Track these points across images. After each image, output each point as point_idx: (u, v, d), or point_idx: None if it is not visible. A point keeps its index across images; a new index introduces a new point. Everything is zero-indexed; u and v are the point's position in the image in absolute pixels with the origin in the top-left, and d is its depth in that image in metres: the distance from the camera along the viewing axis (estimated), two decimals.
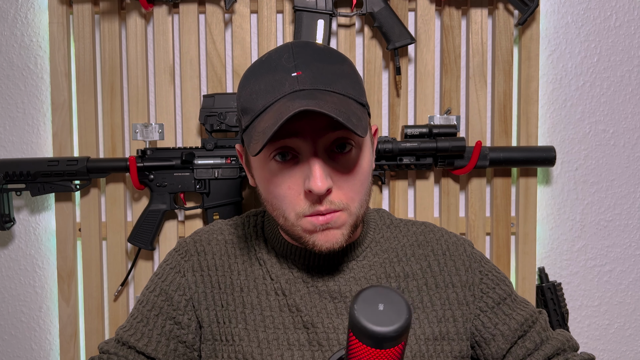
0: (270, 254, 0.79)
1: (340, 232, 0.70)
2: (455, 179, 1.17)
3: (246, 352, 0.73)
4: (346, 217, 0.70)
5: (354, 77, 0.72)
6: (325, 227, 0.69)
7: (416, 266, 0.79)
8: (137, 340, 0.77)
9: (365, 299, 0.52)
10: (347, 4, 1.14)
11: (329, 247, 0.70)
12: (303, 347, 0.73)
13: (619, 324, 1.22)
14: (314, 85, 0.67)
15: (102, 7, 1.15)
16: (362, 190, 0.71)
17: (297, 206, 0.69)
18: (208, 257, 0.80)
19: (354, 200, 0.70)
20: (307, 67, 0.68)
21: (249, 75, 0.71)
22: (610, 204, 1.21)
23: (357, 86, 0.71)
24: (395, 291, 0.53)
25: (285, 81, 0.67)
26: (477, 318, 0.79)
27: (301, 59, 0.68)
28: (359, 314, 0.51)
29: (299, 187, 0.68)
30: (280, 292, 0.76)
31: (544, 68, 1.19)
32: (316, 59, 0.69)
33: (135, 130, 1.13)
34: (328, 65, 0.69)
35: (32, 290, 1.22)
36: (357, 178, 0.70)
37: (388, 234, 0.83)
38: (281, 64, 0.69)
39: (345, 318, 0.74)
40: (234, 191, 1.12)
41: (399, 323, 0.50)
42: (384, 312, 0.51)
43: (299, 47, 0.70)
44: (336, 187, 0.68)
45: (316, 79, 0.67)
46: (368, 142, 0.73)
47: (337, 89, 0.68)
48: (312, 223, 0.69)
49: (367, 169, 0.72)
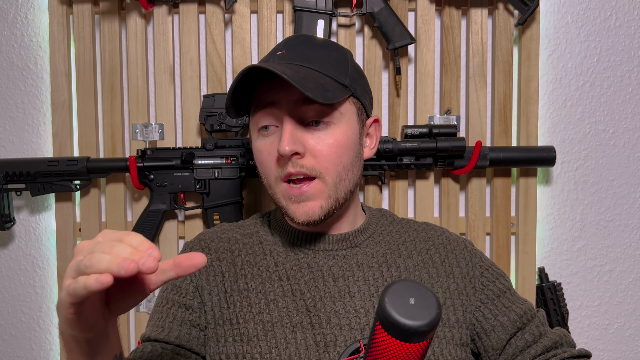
0: (277, 244, 0.83)
1: (317, 203, 0.75)
2: (455, 179, 1.17)
3: (251, 334, 0.75)
4: (322, 187, 0.74)
5: (339, 61, 0.78)
6: (300, 199, 0.74)
7: (417, 258, 0.82)
8: (157, 333, 0.78)
9: (395, 292, 0.52)
10: (347, 4, 1.14)
11: (306, 219, 0.75)
12: (305, 329, 0.75)
13: (619, 324, 1.22)
14: (292, 61, 0.75)
15: (102, 7, 1.15)
16: (338, 162, 0.75)
17: (274, 169, 0.76)
18: (212, 251, 0.83)
19: (329, 170, 0.74)
20: (293, 48, 0.77)
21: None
22: (610, 204, 1.21)
23: (340, 68, 0.77)
24: (424, 286, 0.53)
25: (270, 59, 0.77)
26: (478, 310, 0.80)
27: (291, 42, 0.78)
28: (391, 307, 0.51)
29: (275, 153, 0.75)
30: (285, 278, 0.78)
31: (544, 68, 1.19)
32: (305, 45, 0.78)
33: (135, 130, 1.13)
34: (314, 49, 0.77)
35: (32, 290, 1.22)
36: (331, 149, 0.74)
37: (390, 228, 0.86)
38: (275, 48, 0.79)
39: (348, 301, 0.76)
40: (234, 191, 1.12)
41: (430, 317, 0.50)
42: (415, 306, 0.51)
43: (295, 36, 0.81)
44: (309, 154, 0.74)
45: (295, 57, 0.76)
46: (349, 119, 0.77)
47: (314, 67, 0.75)
48: (288, 192, 0.75)
49: (344, 142, 0.75)
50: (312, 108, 0.73)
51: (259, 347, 0.74)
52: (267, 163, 0.77)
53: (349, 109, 0.77)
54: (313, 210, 0.75)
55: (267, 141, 0.76)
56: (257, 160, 0.79)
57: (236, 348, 0.75)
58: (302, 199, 0.74)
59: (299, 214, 0.75)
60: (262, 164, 0.78)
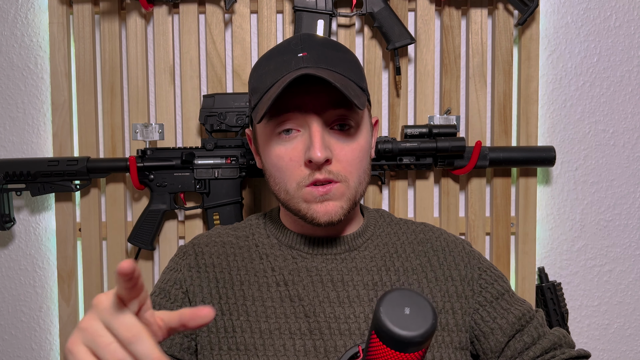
0: (274, 248, 0.81)
1: (339, 204, 0.74)
2: (455, 179, 1.17)
3: (248, 342, 0.74)
4: (344, 190, 0.74)
5: (356, 64, 0.78)
6: (323, 199, 0.74)
7: (416, 262, 0.81)
8: None
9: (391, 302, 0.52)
10: (347, 4, 1.14)
11: (328, 219, 0.74)
12: (304, 336, 0.74)
13: (619, 323, 1.23)
14: (317, 64, 0.74)
15: (102, 7, 1.15)
16: (360, 167, 0.75)
17: (298, 176, 0.74)
18: (206, 256, 0.81)
19: (352, 174, 0.75)
20: (313, 49, 0.75)
21: (260, 60, 0.79)
22: (610, 204, 1.21)
23: (358, 72, 0.78)
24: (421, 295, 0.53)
25: (292, 60, 0.74)
26: (476, 312, 0.80)
27: (307, 43, 0.76)
28: (385, 317, 0.51)
29: (300, 159, 0.73)
30: (282, 283, 0.77)
31: (543, 68, 1.19)
32: (321, 45, 0.76)
33: (135, 130, 1.13)
34: (332, 51, 0.76)
35: (32, 290, 1.22)
36: (355, 154, 0.75)
37: (388, 230, 0.85)
38: (290, 48, 0.76)
39: (348, 306, 0.76)
40: (234, 191, 1.12)
41: (424, 328, 0.50)
42: (410, 316, 0.51)
43: (306, 35, 0.78)
44: (335, 160, 0.73)
45: (320, 60, 0.74)
46: (367, 123, 0.78)
47: (339, 70, 0.75)
48: (312, 193, 0.73)
49: (366, 147, 0.77)
50: (337, 112, 0.73)
51: (257, 357, 0.73)
52: (288, 169, 0.74)
53: (366, 112, 0.78)
54: (335, 210, 0.74)
55: (288, 146, 0.74)
56: (274, 166, 0.76)
57: (232, 357, 0.74)
58: (325, 198, 0.74)
59: (321, 214, 0.74)
60: (281, 170, 0.75)
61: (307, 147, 0.72)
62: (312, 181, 0.73)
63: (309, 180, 0.73)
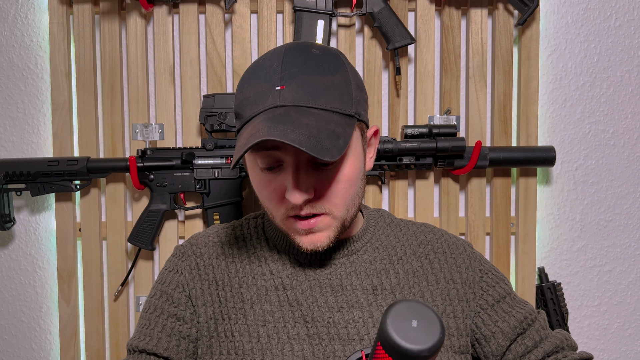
0: (272, 251, 0.80)
1: (325, 234, 0.73)
2: (455, 179, 1.17)
3: (246, 347, 0.74)
4: (330, 220, 0.72)
5: (344, 87, 0.70)
6: (309, 232, 0.72)
7: (416, 264, 0.80)
8: (146, 343, 0.77)
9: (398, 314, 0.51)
10: (347, 4, 1.14)
11: (313, 248, 0.73)
12: (303, 341, 0.74)
13: (619, 324, 1.23)
14: (294, 102, 0.67)
15: (102, 7, 1.15)
16: (346, 196, 0.72)
17: (282, 207, 0.72)
18: (204, 257, 0.81)
19: (338, 206, 0.72)
20: (292, 80, 0.67)
21: (244, 79, 0.72)
22: (610, 204, 1.21)
23: (346, 96, 0.70)
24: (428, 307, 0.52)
25: (269, 94, 0.68)
26: (477, 315, 0.79)
27: (288, 70, 0.68)
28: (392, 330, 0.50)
29: (282, 193, 0.71)
30: (281, 287, 0.77)
31: (543, 68, 1.19)
32: (305, 71, 0.68)
33: (135, 130, 1.13)
34: (316, 77, 0.68)
35: (32, 290, 1.22)
36: (340, 186, 0.71)
37: (388, 232, 0.84)
38: (270, 74, 0.69)
39: (347, 311, 0.75)
40: (234, 191, 1.12)
41: (432, 342, 0.50)
42: (418, 329, 0.50)
43: (291, 56, 0.70)
44: (318, 196, 0.70)
45: (298, 95, 0.67)
46: (356, 147, 0.73)
47: (319, 104, 0.67)
48: (295, 227, 0.72)
49: (353, 175, 0.72)
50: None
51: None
52: (271, 199, 0.72)
53: (355, 135, 0.72)
54: (321, 241, 0.72)
55: (270, 178, 0.71)
56: (260, 194, 0.74)
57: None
58: (310, 231, 0.72)
59: (307, 244, 0.73)
60: (265, 198, 0.73)
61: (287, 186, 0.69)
62: (294, 214, 0.71)
63: (292, 212, 0.71)
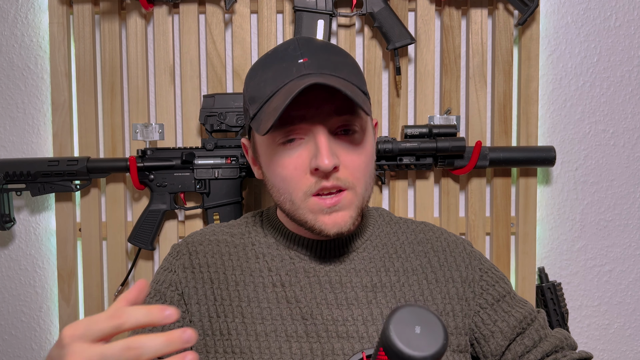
0: (271, 247, 0.80)
1: (348, 213, 0.72)
2: (455, 179, 1.17)
3: (243, 345, 0.73)
4: (352, 197, 0.72)
5: (357, 68, 0.76)
6: (332, 210, 0.71)
7: (416, 262, 0.80)
8: None
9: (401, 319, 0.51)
10: (347, 4, 1.14)
11: (337, 230, 0.72)
12: (301, 338, 0.73)
13: (619, 324, 1.23)
14: (319, 70, 0.71)
15: (102, 7, 1.15)
16: (367, 173, 0.74)
17: (304, 185, 0.71)
18: (200, 256, 0.80)
19: (360, 180, 0.72)
20: (313, 54, 0.72)
21: (256, 67, 0.76)
22: (610, 204, 1.21)
23: (360, 76, 0.76)
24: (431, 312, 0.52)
25: (293, 67, 0.71)
26: (477, 315, 0.79)
27: (306, 48, 0.73)
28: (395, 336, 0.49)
29: (306, 167, 0.71)
30: (279, 284, 0.76)
31: (544, 68, 1.19)
32: (321, 49, 0.74)
33: (136, 130, 1.13)
34: (333, 55, 0.74)
35: (32, 290, 1.22)
36: (362, 159, 0.73)
37: (388, 229, 0.84)
38: (288, 53, 0.73)
39: (346, 309, 0.75)
40: (234, 191, 1.12)
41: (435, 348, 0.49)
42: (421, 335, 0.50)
43: (304, 40, 0.75)
44: (343, 167, 0.71)
45: (321, 65, 0.71)
46: (370, 128, 0.77)
47: (342, 75, 0.72)
48: (319, 205, 0.71)
49: (371, 152, 0.75)
50: (341, 119, 0.71)
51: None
52: (293, 178, 0.71)
53: (369, 118, 0.76)
54: (344, 220, 0.72)
55: (292, 154, 0.71)
56: (277, 176, 0.73)
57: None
58: (334, 210, 0.71)
59: (330, 226, 0.71)
60: (285, 180, 0.72)
61: (314, 155, 0.69)
62: (318, 189, 0.70)
63: (316, 188, 0.70)
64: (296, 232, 0.80)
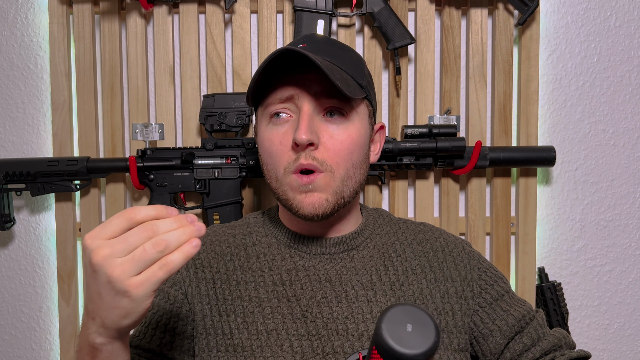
0: (272, 247, 0.80)
1: (323, 196, 0.73)
2: (455, 179, 1.17)
3: (245, 344, 0.74)
4: (329, 180, 0.73)
5: (358, 62, 0.79)
6: (307, 189, 0.72)
7: (415, 262, 0.81)
8: (140, 339, 0.77)
9: (393, 318, 0.51)
10: (347, 4, 1.14)
11: (312, 211, 0.73)
12: (302, 336, 0.74)
13: (619, 324, 1.23)
14: (314, 53, 0.73)
15: (102, 7, 1.15)
16: (348, 159, 0.74)
17: (285, 161, 0.73)
18: (202, 256, 0.81)
19: (339, 165, 0.73)
20: (313, 43, 0.77)
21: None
22: (610, 204, 1.21)
23: (358, 69, 0.77)
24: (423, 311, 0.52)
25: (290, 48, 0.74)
26: (476, 314, 0.80)
27: (310, 39, 0.78)
28: (387, 335, 0.50)
29: (289, 143, 0.73)
30: (280, 283, 0.77)
31: (544, 68, 1.19)
32: (323, 41, 0.78)
33: (135, 130, 1.13)
34: (333, 48, 0.78)
35: (32, 290, 1.22)
36: (344, 144, 0.73)
37: (387, 229, 0.84)
38: (293, 42, 0.78)
39: (346, 307, 0.75)
40: (234, 191, 1.12)
41: (427, 346, 0.50)
42: (412, 333, 0.50)
43: (310, 34, 0.81)
44: (322, 146, 0.73)
45: (319, 51, 0.75)
46: (363, 118, 0.77)
47: (335, 62, 0.75)
48: (297, 181, 0.73)
49: (358, 141, 0.75)
50: (330, 101, 0.73)
51: (254, 359, 0.73)
52: (277, 153, 0.74)
53: (363, 109, 0.77)
54: (320, 202, 0.73)
55: (279, 130, 0.74)
56: (265, 151, 0.76)
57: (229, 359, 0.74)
58: (309, 189, 0.72)
59: (306, 205, 0.73)
60: (271, 155, 0.75)
61: (295, 130, 0.72)
62: (297, 167, 0.72)
63: (294, 165, 0.72)
64: (297, 231, 0.80)
